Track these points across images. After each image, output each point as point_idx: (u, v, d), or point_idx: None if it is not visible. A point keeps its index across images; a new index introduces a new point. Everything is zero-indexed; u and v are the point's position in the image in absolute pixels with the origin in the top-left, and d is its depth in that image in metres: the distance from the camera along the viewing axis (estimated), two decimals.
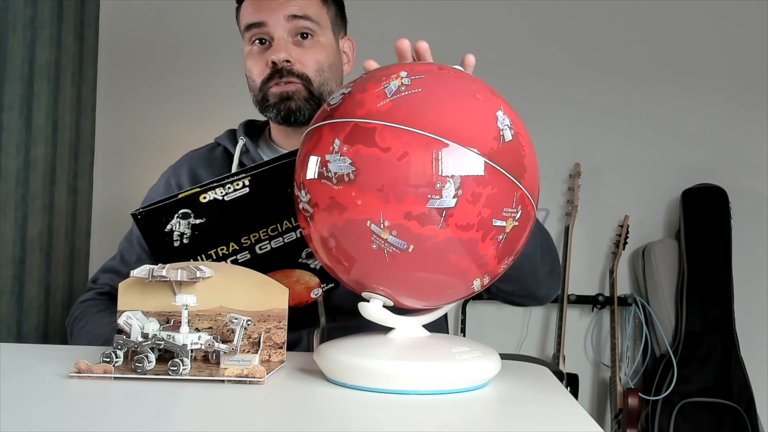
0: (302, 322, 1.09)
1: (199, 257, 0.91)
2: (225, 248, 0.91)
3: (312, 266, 0.95)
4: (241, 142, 1.21)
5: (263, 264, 0.91)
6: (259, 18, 1.13)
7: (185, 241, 0.88)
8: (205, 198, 0.87)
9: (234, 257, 0.92)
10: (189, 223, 0.88)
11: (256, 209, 0.89)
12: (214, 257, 0.91)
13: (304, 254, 0.94)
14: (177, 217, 0.87)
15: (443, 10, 2.54)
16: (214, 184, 0.87)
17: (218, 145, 1.25)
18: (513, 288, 1.12)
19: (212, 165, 1.22)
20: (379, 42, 1.27)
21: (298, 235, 0.92)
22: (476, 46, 2.52)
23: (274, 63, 1.12)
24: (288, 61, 1.12)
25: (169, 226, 0.87)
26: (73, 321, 1.15)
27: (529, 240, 1.01)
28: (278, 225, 0.91)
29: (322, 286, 0.97)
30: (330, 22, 1.18)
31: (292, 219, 0.91)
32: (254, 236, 0.91)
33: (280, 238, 0.92)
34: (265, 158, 1.20)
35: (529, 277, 1.09)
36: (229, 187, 0.87)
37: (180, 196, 0.86)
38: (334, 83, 1.16)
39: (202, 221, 0.88)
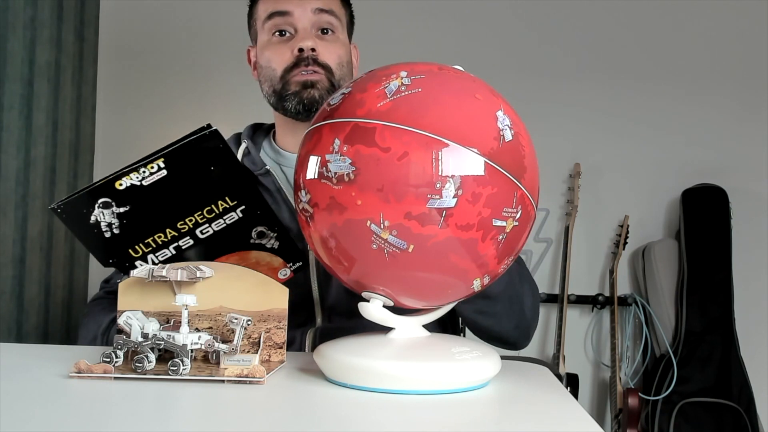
0: (297, 322, 1.09)
1: (137, 247, 0.88)
2: (162, 235, 0.87)
3: (268, 246, 0.92)
4: (244, 144, 1.20)
5: (211, 249, 0.88)
6: (286, 8, 1.13)
7: (115, 231, 0.85)
8: (121, 185, 0.83)
9: (176, 244, 0.88)
10: (113, 212, 0.84)
11: (181, 191, 0.85)
12: (153, 246, 0.88)
13: (254, 234, 0.91)
14: (98, 206, 0.84)
15: (443, 10, 2.54)
16: (127, 170, 0.83)
17: None
18: (479, 335, 1.10)
19: None
20: (379, 42, 1.27)
21: (240, 215, 0.88)
22: (476, 46, 2.53)
23: (300, 50, 1.11)
24: (314, 50, 1.11)
25: (93, 217, 0.84)
26: (83, 317, 1.16)
27: (495, 287, 1.00)
28: (213, 206, 0.87)
29: (288, 265, 0.94)
30: (346, 24, 1.20)
31: (227, 198, 0.87)
32: (190, 220, 0.87)
33: (221, 220, 0.88)
34: (267, 161, 1.19)
35: (492, 329, 1.06)
36: (143, 171, 0.83)
37: (95, 184, 0.83)
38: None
39: (126, 209, 0.84)
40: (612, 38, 2.54)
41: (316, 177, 0.74)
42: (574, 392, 2.31)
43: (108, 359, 0.78)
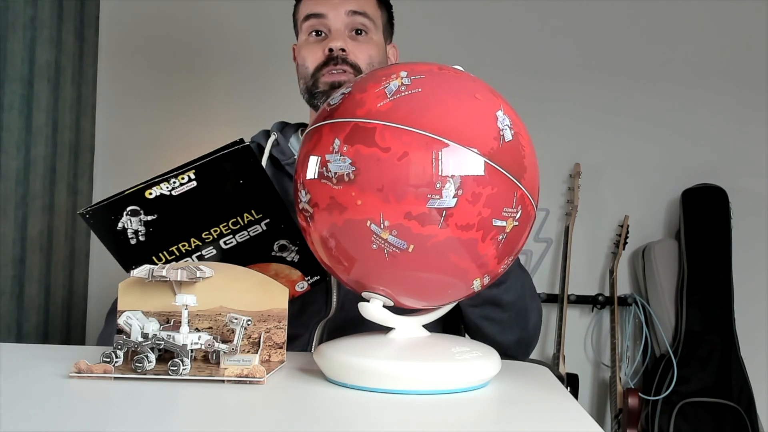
0: (312, 311, 1.11)
1: (160, 254, 0.89)
2: (186, 244, 0.89)
3: (288, 259, 0.93)
4: (273, 136, 1.24)
5: (233, 259, 0.90)
6: (321, 10, 1.19)
7: (141, 238, 0.87)
8: (151, 194, 0.84)
9: (198, 253, 0.90)
10: (140, 220, 0.86)
11: (210, 203, 0.87)
12: (177, 254, 0.89)
13: (276, 247, 0.92)
14: (126, 214, 0.85)
15: (444, 10, 2.54)
16: (158, 179, 0.84)
17: (252, 143, 1.28)
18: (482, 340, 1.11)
19: None
20: None
21: (264, 228, 0.90)
22: (476, 46, 2.53)
23: (330, 50, 1.16)
24: (343, 50, 1.16)
25: (120, 224, 0.86)
26: (108, 313, 1.16)
27: (507, 296, 1.00)
28: (239, 218, 0.89)
29: (306, 279, 0.96)
30: (382, 25, 1.24)
31: (253, 212, 0.89)
32: (215, 231, 0.89)
33: (245, 232, 0.90)
34: (295, 153, 1.21)
35: (495, 338, 1.07)
36: (174, 182, 0.84)
37: (125, 192, 0.84)
38: None
39: (153, 218, 0.86)
40: (612, 38, 2.54)
41: (316, 177, 0.74)
42: (574, 392, 2.31)
43: (108, 359, 0.78)
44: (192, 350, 0.79)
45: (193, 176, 0.84)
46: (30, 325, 2.13)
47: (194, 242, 0.89)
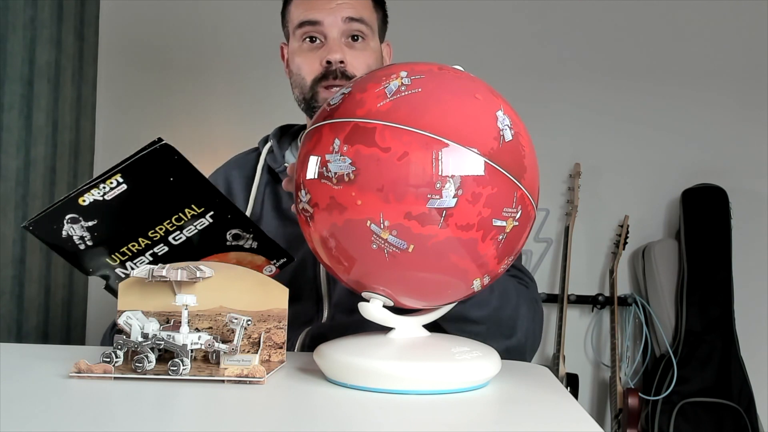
0: (304, 320, 1.10)
1: (113, 256, 0.90)
2: (136, 244, 0.89)
3: (246, 246, 0.93)
4: (269, 144, 1.22)
5: (187, 253, 0.90)
6: (316, 17, 1.14)
7: (89, 243, 0.87)
8: (84, 201, 0.84)
9: (151, 251, 0.90)
10: (82, 226, 0.86)
11: (145, 202, 0.86)
12: (129, 254, 0.90)
13: (229, 237, 0.92)
14: (67, 222, 0.85)
15: (443, 10, 2.54)
16: (88, 186, 0.84)
17: (257, 148, 1.27)
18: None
19: (245, 167, 1.24)
20: None
21: (210, 220, 0.90)
22: (476, 46, 2.53)
23: (329, 63, 1.12)
24: (342, 62, 1.12)
25: (64, 232, 0.86)
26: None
27: (477, 312, 0.98)
28: (181, 214, 0.88)
29: (273, 262, 0.95)
30: (378, 27, 1.20)
31: (194, 206, 0.88)
32: (160, 229, 0.89)
33: (191, 227, 0.90)
34: (291, 161, 1.21)
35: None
36: (103, 187, 0.83)
37: (59, 203, 0.84)
38: None
39: (94, 223, 0.86)
40: (612, 38, 2.54)
41: (316, 177, 0.74)
42: (574, 392, 2.31)
43: (108, 359, 0.78)
44: (192, 350, 0.79)
45: (120, 179, 0.83)
46: (30, 325, 2.13)
47: (143, 241, 0.89)
